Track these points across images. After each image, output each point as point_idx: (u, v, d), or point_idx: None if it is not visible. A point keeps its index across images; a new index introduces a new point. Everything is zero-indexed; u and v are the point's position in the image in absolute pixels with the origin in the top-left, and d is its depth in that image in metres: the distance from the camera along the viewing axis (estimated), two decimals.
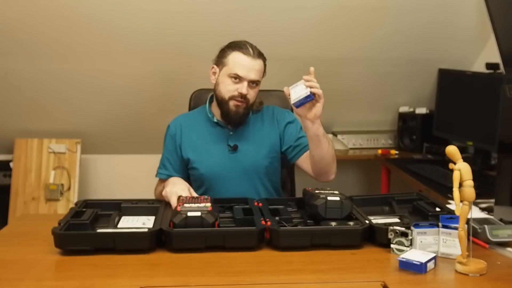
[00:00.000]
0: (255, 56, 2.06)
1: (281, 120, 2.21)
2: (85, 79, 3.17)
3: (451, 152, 1.48)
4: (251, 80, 2.06)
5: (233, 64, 2.05)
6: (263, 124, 2.20)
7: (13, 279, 1.45)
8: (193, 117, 2.24)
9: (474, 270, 1.47)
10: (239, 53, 2.06)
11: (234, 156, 2.14)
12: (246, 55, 2.05)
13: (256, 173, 2.16)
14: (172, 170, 2.17)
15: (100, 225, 1.77)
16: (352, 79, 3.38)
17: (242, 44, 2.08)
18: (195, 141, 2.17)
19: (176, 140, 2.18)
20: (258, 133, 2.18)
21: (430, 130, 3.38)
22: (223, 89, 2.08)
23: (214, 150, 2.14)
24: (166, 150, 2.21)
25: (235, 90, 2.06)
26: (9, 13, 2.82)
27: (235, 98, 2.07)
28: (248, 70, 2.04)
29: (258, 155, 2.15)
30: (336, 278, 1.47)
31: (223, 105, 2.10)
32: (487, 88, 2.90)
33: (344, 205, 1.72)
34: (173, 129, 2.20)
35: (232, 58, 2.06)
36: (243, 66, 2.04)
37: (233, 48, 2.08)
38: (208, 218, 1.64)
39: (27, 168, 3.39)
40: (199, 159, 2.14)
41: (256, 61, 2.06)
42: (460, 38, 3.23)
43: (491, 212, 1.92)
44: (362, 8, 2.99)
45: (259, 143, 2.17)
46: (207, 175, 2.13)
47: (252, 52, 2.06)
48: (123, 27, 2.94)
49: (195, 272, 1.50)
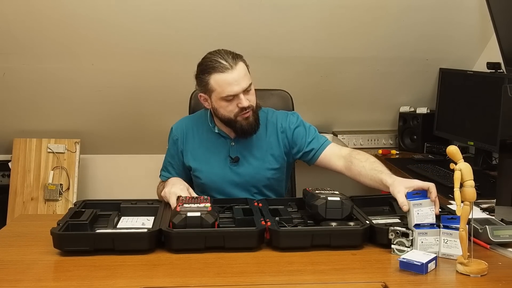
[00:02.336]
0: (233, 64, 1.92)
1: (286, 127, 2.11)
2: (84, 79, 3.17)
3: (452, 152, 1.47)
4: (243, 89, 1.95)
5: (219, 87, 1.92)
6: (267, 133, 2.12)
7: (12, 280, 1.45)
8: (197, 122, 2.16)
9: (475, 271, 1.46)
10: (218, 74, 1.91)
11: (236, 168, 2.09)
12: (225, 72, 1.91)
13: (258, 185, 2.11)
14: (175, 174, 2.14)
15: (99, 225, 1.77)
16: (352, 79, 3.38)
17: (214, 62, 1.92)
18: (197, 149, 2.12)
19: (178, 146, 2.13)
20: (261, 144, 2.10)
21: (431, 130, 3.37)
22: (224, 112, 1.98)
23: (215, 160, 2.10)
24: (169, 153, 2.18)
25: (235, 107, 1.97)
26: (8, 12, 2.82)
27: (240, 114, 1.98)
28: (237, 84, 1.92)
29: (260, 168, 2.10)
30: (337, 279, 1.46)
31: (232, 124, 2.01)
32: (489, 88, 2.89)
33: (344, 205, 1.72)
34: (176, 134, 2.14)
35: (214, 83, 1.93)
36: (229, 84, 1.91)
37: (207, 71, 1.93)
38: (207, 218, 1.63)
39: (25, 168, 3.38)
40: (200, 168, 2.10)
41: (236, 69, 1.92)
42: (461, 37, 3.22)
43: (492, 213, 1.91)
44: (362, 7, 2.99)
45: (261, 155, 2.10)
46: (208, 184, 2.10)
47: (228, 63, 1.91)
48: (123, 27, 2.94)
49: (195, 272, 1.49)
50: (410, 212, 1.58)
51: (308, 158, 2.11)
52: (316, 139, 2.11)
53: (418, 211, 1.58)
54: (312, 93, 3.36)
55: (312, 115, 3.51)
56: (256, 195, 2.12)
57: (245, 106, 1.96)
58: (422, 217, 1.58)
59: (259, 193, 2.13)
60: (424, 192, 1.64)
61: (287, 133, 2.11)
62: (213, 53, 1.97)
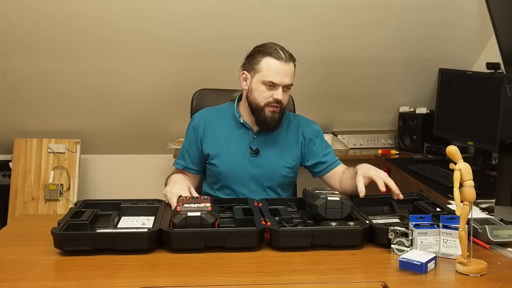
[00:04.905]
0: (288, 60, 2.02)
1: (306, 132, 2.19)
2: (85, 79, 3.17)
3: (452, 152, 1.48)
4: (285, 85, 2.03)
5: (267, 70, 2.01)
6: (287, 132, 2.18)
7: (12, 280, 1.45)
8: (219, 113, 2.20)
9: (475, 271, 1.47)
10: (272, 59, 2.01)
11: (255, 159, 2.12)
12: (279, 60, 2.00)
13: (273, 180, 2.14)
14: (190, 162, 2.17)
15: (100, 225, 1.77)
16: (352, 79, 3.38)
17: (273, 49, 2.03)
18: (218, 137, 2.14)
19: (199, 133, 2.15)
20: (281, 141, 2.16)
21: (430, 130, 3.38)
22: (258, 96, 2.05)
23: (235, 150, 2.13)
24: (187, 141, 2.19)
25: (270, 97, 2.03)
26: (9, 13, 2.82)
27: (271, 104, 2.04)
28: (283, 76, 2.01)
29: (278, 163, 2.14)
30: (336, 279, 1.46)
31: (258, 111, 2.06)
32: (488, 88, 2.89)
33: (344, 205, 1.72)
34: (197, 122, 2.17)
35: (265, 64, 2.02)
36: (277, 72, 2.00)
37: (264, 53, 2.03)
38: (208, 218, 1.64)
39: (26, 168, 3.38)
40: (219, 156, 2.13)
41: (289, 65, 2.02)
42: (460, 37, 3.22)
43: (492, 212, 1.91)
44: (362, 8, 2.99)
45: (280, 151, 2.15)
46: (224, 173, 2.12)
47: (284, 56, 2.01)
48: (123, 27, 2.94)
49: (195, 272, 1.49)
50: (414, 240, 1.58)
51: (318, 169, 2.18)
52: (331, 155, 2.20)
53: (423, 239, 1.58)
54: (312, 93, 3.37)
55: (312, 115, 3.48)
56: (268, 190, 2.14)
57: (278, 99, 2.02)
58: (426, 246, 1.58)
59: (271, 189, 2.15)
60: (428, 217, 1.63)
61: (307, 138, 2.19)
62: (274, 43, 2.07)
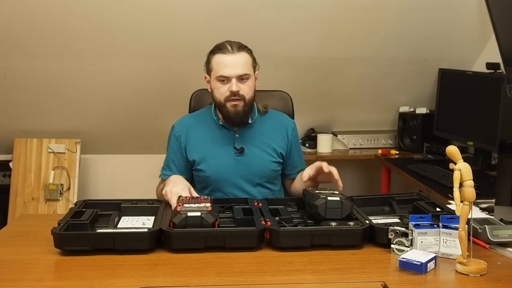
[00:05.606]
0: (235, 50, 2.05)
1: (291, 133, 2.23)
2: (85, 79, 3.17)
3: (452, 152, 1.48)
4: (237, 75, 2.04)
5: (217, 66, 2.06)
6: (271, 127, 2.20)
7: (12, 279, 1.45)
8: (199, 118, 2.22)
9: (475, 271, 1.47)
10: (219, 54, 2.06)
11: (241, 158, 2.13)
12: (226, 54, 2.04)
13: (262, 177, 2.15)
14: (176, 171, 2.16)
15: (100, 225, 1.77)
16: (352, 79, 3.38)
17: (221, 45, 2.08)
18: (201, 143, 2.15)
19: (181, 141, 2.16)
20: (265, 136, 2.17)
21: (430, 130, 3.38)
22: (217, 94, 2.09)
23: (220, 152, 2.13)
24: (170, 150, 2.20)
25: (227, 91, 2.05)
26: (8, 13, 2.82)
27: (230, 98, 2.06)
28: (232, 67, 2.03)
29: (264, 159, 2.15)
30: (336, 279, 1.46)
31: (222, 108, 2.10)
32: (488, 88, 2.89)
33: (344, 205, 1.72)
34: (178, 130, 2.18)
35: (215, 61, 2.07)
36: (226, 65, 2.04)
37: (213, 52, 2.09)
38: (208, 218, 1.64)
39: (26, 168, 3.38)
40: (204, 161, 2.13)
41: (237, 56, 2.05)
42: (460, 38, 3.22)
43: (492, 212, 1.91)
44: (362, 8, 2.99)
45: (265, 147, 2.16)
46: (213, 177, 2.13)
47: (231, 48, 2.05)
48: (123, 27, 2.94)
49: (195, 272, 1.49)
50: (414, 240, 1.58)
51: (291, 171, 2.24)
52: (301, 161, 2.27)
53: (422, 239, 1.58)
54: (312, 93, 3.37)
55: (312, 115, 3.52)
56: (258, 187, 2.15)
57: (233, 91, 2.04)
58: (426, 246, 1.58)
59: (262, 185, 2.16)
60: (428, 217, 1.63)
61: (290, 136, 2.22)
62: (227, 40, 2.11)
